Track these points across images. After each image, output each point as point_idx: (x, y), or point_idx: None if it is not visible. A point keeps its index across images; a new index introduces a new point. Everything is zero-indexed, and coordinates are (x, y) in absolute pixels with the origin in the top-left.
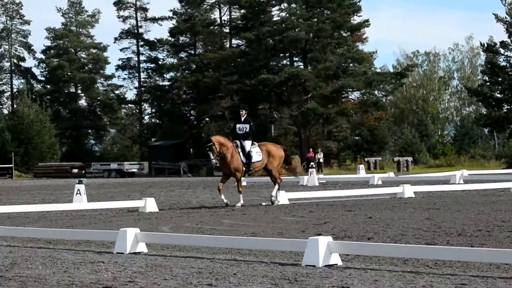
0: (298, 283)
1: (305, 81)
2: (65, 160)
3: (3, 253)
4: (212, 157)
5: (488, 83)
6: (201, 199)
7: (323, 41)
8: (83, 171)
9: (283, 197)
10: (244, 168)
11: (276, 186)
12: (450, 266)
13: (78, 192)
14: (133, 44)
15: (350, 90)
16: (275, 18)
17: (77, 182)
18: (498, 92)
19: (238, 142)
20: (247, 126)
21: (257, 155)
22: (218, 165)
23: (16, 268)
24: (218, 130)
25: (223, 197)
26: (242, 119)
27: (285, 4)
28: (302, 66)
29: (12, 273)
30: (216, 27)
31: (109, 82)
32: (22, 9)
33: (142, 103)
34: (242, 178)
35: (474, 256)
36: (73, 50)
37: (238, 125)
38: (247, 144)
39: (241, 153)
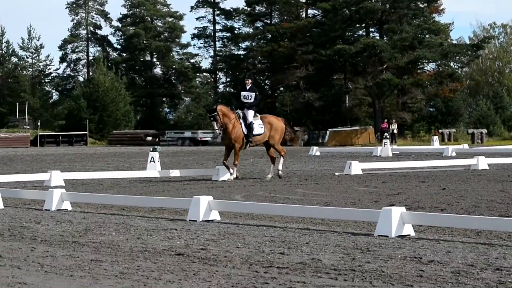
0: (370, 253)
1: (381, 52)
2: (139, 128)
3: (77, 219)
4: (216, 127)
5: None
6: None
7: (399, 12)
8: (157, 139)
9: (356, 167)
10: (244, 140)
11: (282, 159)
12: None
13: (152, 159)
14: (209, 13)
15: (426, 61)
16: None
17: (151, 149)
18: None
19: (240, 112)
20: (253, 95)
21: (259, 127)
22: (221, 135)
23: (89, 234)
24: (292, 100)
25: (231, 171)
26: (248, 87)
27: None
28: (378, 37)
29: (85, 239)
30: None
31: (185, 50)
32: None
33: (217, 72)
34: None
35: None
36: (149, 19)
37: (243, 93)
38: (250, 114)
39: (242, 124)
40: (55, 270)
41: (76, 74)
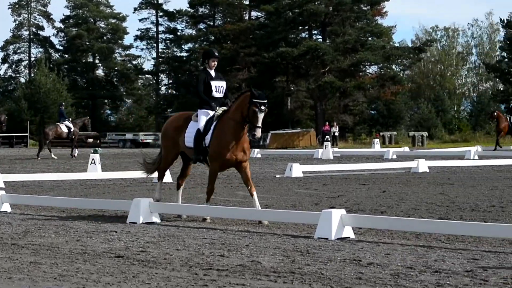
0: (310, 255)
1: (323, 55)
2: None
3: (16, 221)
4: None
5: (506, 59)
6: None
7: (342, 15)
8: (98, 141)
9: (297, 170)
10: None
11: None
12: (463, 241)
13: (93, 161)
14: (152, 15)
15: (368, 64)
16: None
17: (92, 151)
18: None
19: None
20: (224, 84)
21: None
22: None
23: (29, 236)
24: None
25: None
26: (213, 73)
27: None
28: (320, 40)
29: (25, 241)
30: None
31: (127, 52)
32: None
33: (159, 73)
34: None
35: (486, 231)
36: (92, 20)
37: (214, 83)
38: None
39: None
40: None
41: (18, 75)
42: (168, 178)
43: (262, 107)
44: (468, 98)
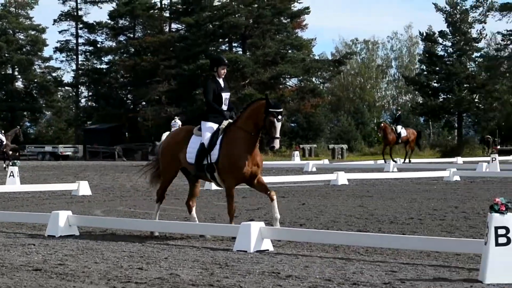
0: (228, 268)
1: (243, 67)
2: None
3: None
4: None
5: (425, 72)
6: (135, 183)
7: (262, 27)
8: (17, 153)
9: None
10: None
11: None
12: (381, 253)
13: (12, 174)
14: (72, 27)
15: (288, 76)
16: (215, 3)
17: (11, 164)
18: (435, 81)
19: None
20: (229, 95)
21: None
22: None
23: None
24: (154, 115)
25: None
26: (222, 82)
27: None
28: (241, 52)
29: None
30: (156, 11)
31: (47, 64)
32: None
33: (79, 86)
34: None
35: (405, 244)
36: (11, 31)
37: (225, 95)
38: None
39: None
40: None
41: None
42: (87, 190)
43: (280, 117)
44: (388, 110)
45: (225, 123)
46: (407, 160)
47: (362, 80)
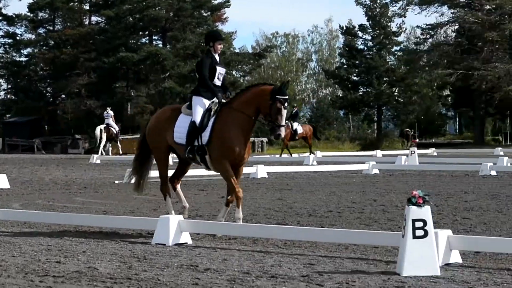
0: (147, 261)
1: (164, 60)
2: None
3: None
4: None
5: (345, 66)
6: (54, 176)
7: (183, 20)
8: None
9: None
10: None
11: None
12: (300, 246)
13: None
14: None
15: None
16: None
17: None
18: (354, 75)
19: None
20: (224, 71)
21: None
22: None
23: None
24: (74, 108)
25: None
26: (217, 57)
27: None
28: (161, 45)
29: None
30: (76, 3)
31: None
32: None
33: None
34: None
35: (323, 236)
36: None
37: (219, 68)
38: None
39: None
40: None
41: None
42: (5, 183)
43: (286, 104)
44: (308, 104)
45: (216, 103)
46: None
47: (283, 74)
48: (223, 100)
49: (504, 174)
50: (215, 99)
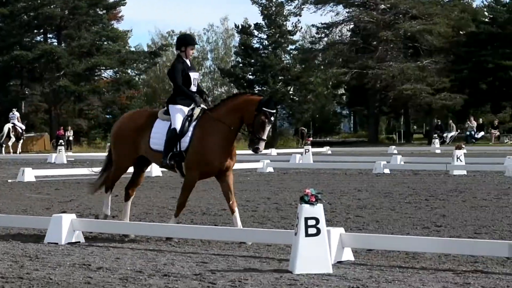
0: (39, 260)
1: (58, 58)
2: None
3: None
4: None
5: (240, 65)
6: None
7: (78, 18)
8: None
9: (30, 174)
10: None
11: None
12: (193, 245)
13: None
14: None
15: (103, 68)
16: None
17: None
18: (250, 73)
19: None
20: (197, 76)
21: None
22: None
23: None
24: None
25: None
26: (189, 62)
27: None
28: (56, 43)
29: None
30: None
31: None
32: None
33: None
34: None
35: (216, 235)
36: None
37: (193, 74)
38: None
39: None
40: None
41: None
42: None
43: (272, 118)
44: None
45: (197, 109)
46: None
47: None
48: (204, 106)
49: (397, 172)
50: (193, 105)
